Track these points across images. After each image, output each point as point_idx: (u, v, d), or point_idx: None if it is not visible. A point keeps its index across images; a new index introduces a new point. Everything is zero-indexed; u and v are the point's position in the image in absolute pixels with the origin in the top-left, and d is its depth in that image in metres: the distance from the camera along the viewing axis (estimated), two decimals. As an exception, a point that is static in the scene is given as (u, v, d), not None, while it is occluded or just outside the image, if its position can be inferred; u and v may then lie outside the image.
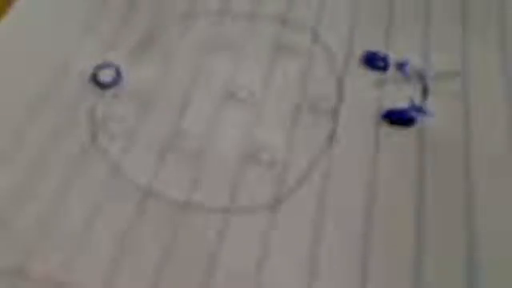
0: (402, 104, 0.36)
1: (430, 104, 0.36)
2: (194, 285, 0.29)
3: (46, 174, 0.34)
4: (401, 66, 0.38)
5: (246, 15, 0.42)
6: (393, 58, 0.39)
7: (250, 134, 0.36)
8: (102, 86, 0.38)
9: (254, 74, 0.39)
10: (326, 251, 0.30)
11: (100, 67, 0.39)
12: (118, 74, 0.38)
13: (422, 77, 0.37)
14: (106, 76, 0.38)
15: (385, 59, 0.38)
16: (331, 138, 0.35)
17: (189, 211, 0.32)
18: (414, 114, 0.36)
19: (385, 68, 0.38)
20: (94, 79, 0.38)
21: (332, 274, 0.29)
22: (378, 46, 0.39)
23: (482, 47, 0.39)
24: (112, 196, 0.33)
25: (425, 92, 0.37)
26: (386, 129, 0.35)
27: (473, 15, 0.41)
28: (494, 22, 0.40)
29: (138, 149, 0.35)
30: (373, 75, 0.38)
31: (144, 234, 0.31)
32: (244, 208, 0.32)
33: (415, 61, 0.38)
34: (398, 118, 0.36)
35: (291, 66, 0.39)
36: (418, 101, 0.36)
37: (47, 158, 0.35)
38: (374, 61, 0.38)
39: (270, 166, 0.34)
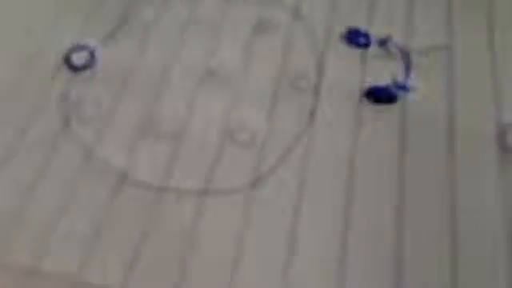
0: (384, 81, 0.35)
1: (414, 80, 0.35)
2: (172, 265, 0.29)
3: (19, 160, 0.33)
4: (383, 43, 0.37)
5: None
6: (375, 34, 0.38)
7: (229, 113, 0.35)
8: (76, 68, 0.37)
9: (233, 53, 0.38)
10: (305, 228, 0.30)
11: (73, 50, 0.37)
12: (92, 56, 0.37)
13: (405, 53, 0.37)
14: (79, 59, 0.37)
15: (367, 36, 0.37)
16: (312, 114, 0.34)
17: (165, 193, 0.31)
18: (396, 90, 0.35)
19: (367, 45, 0.37)
20: (68, 62, 0.37)
21: (311, 250, 0.29)
22: (360, 23, 0.38)
23: (468, 21, 0.38)
24: (86, 181, 0.32)
25: (408, 68, 0.36)
26: (368, 106, 0.34)
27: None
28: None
29: (112, 132, 0.34)
30: (355, 52, 0.37)
31: (120, 218, 0.30)
32: (222, 188, 0.31)
33: (398, 37, 0.37)
34: (380, 96, 0.35)
35: (272, 44, 0.38)
36: (401, 77, 0.35)
37: (20, 143, 0.34)
38: (355, 37, 0.37)
39: (250, 145, 0.33)
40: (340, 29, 0.38)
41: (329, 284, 0.28)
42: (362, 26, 0.38)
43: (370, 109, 0.34)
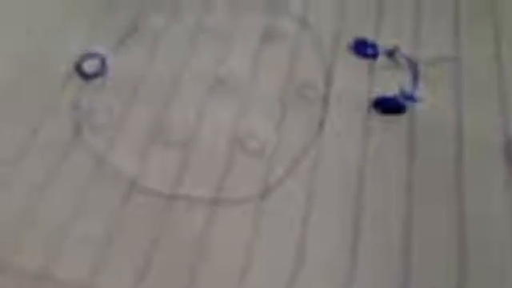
0: (392, 91, 0.36)
1: (421, 90, 0.36)
2: (182, 273, 0.29)
3: (29, 167, 0.33)
4: (391, 53, 0.37)
5: (234, 1, 0.42)
6: (382, 44, 0.38)
7: (238, 122, 0.35)
8: (87, 76, 0.37)
9: (242, 62, 0.38)
10: (314, 238, 0.30)
11: (84, 57, 0.38)
12: (103, 63, 0.38)
13: (412, 64, 0.37)
14: (90, 66, 0.37)
15: (374, 46, 0.38)
16: (321, 125, 0.35)
17: (175, 202, 0.32)
18: (404, 101, 0.35)
19: (374, 55, 0.38)
20: (79, 70, 0.37)
21: (319, 260, 0.29)
22: (367, 33, 0.39)
23: (475, 33, 0.38)
24: (98, 188, 0.32)
25: (415, 79, 0.36)
26: (376, 116, 0.35)
27: (466, 1, 0.40)
28: (488, 9, 0.39)
29: (123, 140, 0.34)
30: (362, 62, 0.37)
31: (131, 224, 0.31)
32: (232, 198, 0.32)
33: (406, 48, 0.38)
34: (389, 106, 0.35)
35: (280, 54, 0.38)
36: (408, 88, 0.36)
37: (31, 150, 0.34)
38: (363, 48, 0.38)
39: (259, 155, 0.33)
40: (347, 39, 0.39)
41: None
42: (369, 36, 0.39)
43: (379, 119, 0.35)
